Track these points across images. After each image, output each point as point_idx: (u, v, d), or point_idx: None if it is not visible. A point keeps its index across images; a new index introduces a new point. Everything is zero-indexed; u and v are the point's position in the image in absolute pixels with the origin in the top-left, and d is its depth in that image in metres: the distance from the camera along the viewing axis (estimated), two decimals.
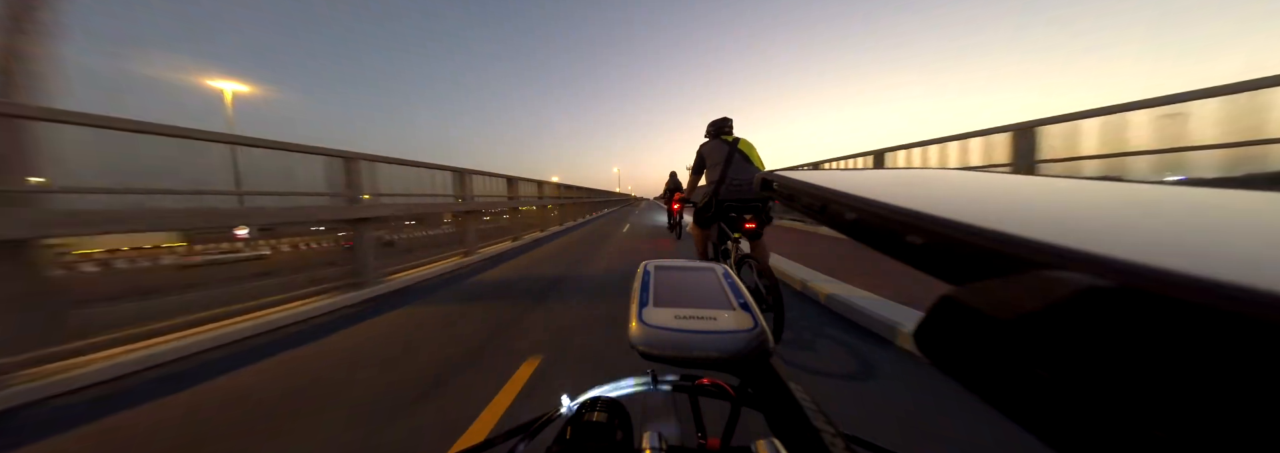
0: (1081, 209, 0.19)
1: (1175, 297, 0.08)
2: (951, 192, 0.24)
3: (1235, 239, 0.13)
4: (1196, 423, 0.08)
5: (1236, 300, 0.08)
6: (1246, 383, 0.07)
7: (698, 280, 0.46)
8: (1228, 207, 0.17)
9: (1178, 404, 0.08)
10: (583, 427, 0.39)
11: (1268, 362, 0.07)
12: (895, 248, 0.17)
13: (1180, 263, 0.09)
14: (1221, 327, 0.08)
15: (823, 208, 0.22)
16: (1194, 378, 0.08)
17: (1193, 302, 0.08)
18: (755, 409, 0.40)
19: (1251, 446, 0.07)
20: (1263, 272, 0.09)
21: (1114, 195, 0.20)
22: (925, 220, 0.16)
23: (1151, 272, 0.09)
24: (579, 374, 1.91)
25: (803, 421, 0.29)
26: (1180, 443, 0.08)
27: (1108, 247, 0.11)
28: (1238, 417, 0.07)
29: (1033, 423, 0.10)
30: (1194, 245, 0.12)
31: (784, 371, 0.35)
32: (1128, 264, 0.10)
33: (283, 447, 1.43)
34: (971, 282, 0.12)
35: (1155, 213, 0.17)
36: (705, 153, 2.94)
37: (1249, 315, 0.07)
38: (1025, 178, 0.28)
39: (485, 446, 0.42)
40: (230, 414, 1.67)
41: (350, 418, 1.59)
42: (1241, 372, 0.07)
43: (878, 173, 0.31)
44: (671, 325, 0.36)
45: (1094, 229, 0.14)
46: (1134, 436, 0.08)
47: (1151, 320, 0.08)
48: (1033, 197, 0.22)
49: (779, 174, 0.30)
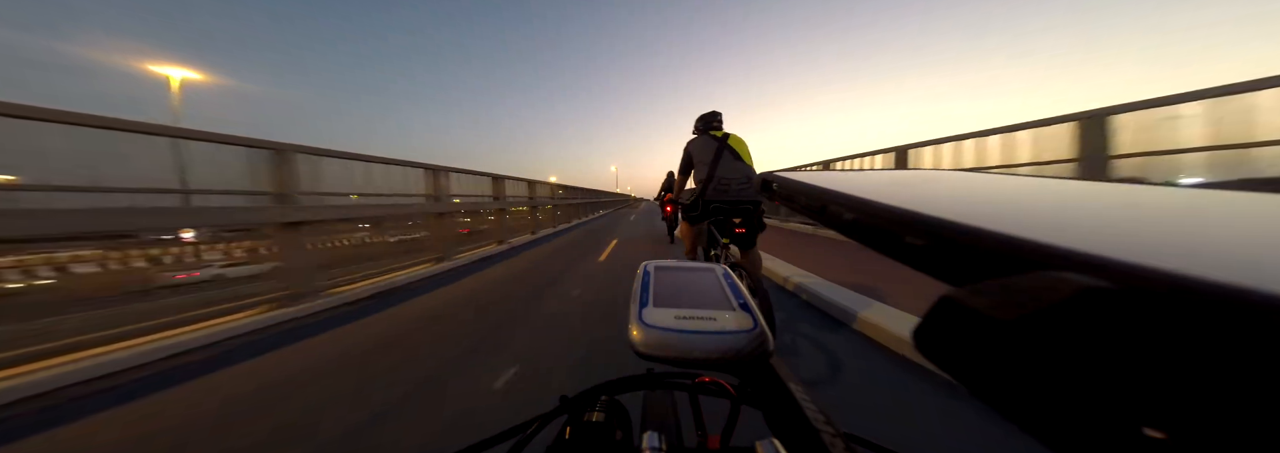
0: (1080, 210, 0.19)
1: (1174, 298, 0.09)
2: (951, 192, 0.25)
3: (1234, 240, 0.13)
4: (1196, 424, 0.08)
5: (1235, 302, 0.08)
6: (1246, 384, 0.07)
7: (697, 281, 0.46)
8: (1227, 208, 0.17)
9: (1177, 405, 0.08)
10: (582, 427, 0.39)
11: (1266, 362, 0.07)
12: (894, 249, 0.17)
13: (1179, 264, 0.10)
14: (1220, 328, 0.08)
15: (822, 209, 0.22)
16: (1193, 379, 0.08)
17: (1191, 303, 0.08)
18: (755, 409, 0.40)
19: (1251, 446, 0.07)
20: (1261, 273, 0.09)
21: (1113, 196, 0.21)
22: (924, 221, 0.16)
23: (1150, 273, 0.10)
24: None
25: (802, 420, 0.29)
26: (1180, 444, 0.08)
27: (1107, 248, 0.11)
28: (1237, 418, 0.07)
29: (1032, 423, 0.10)
30: (1193, 246, 0.12)
31: (784, 371, 0.35)
32: (1127, 265, 0.10)
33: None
34: (970, 283, 0.12)
35: (1154, 214, 0.18)
36: (692, 150, 2.63)
37: (1247, 316, 0.08)
38: (1025, 179, 0.28)
39: (485, 445, 0.42)
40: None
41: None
42: (1240, 372, 0.07)
43: (877, 173, 0.32)
44: (671, 326, 0.35)
45: (1093, 230, 0.14)
46: (1133, 436, 0.08)
47: (1150, 321, 0.08)
48: (1032, 197, 0.23)
49: (778, 175, 0.30)
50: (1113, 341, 0.09)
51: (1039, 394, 0.10)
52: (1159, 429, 0.08)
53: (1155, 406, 0.08)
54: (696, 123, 2.74)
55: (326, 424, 1.50)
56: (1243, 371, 0.07)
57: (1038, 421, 0.10)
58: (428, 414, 1.55)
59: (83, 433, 1.50)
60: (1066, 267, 0.11)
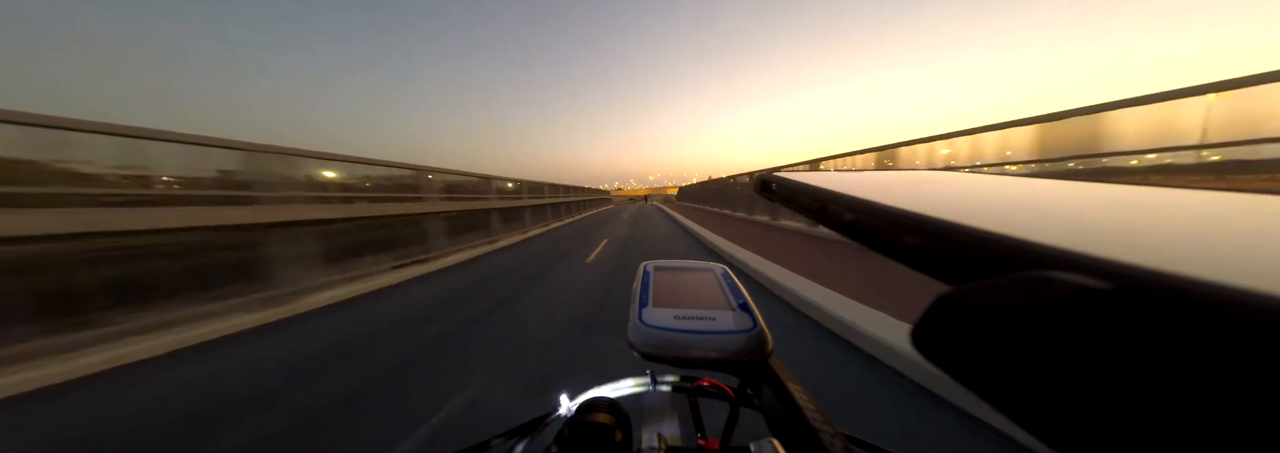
0: (1077, 211, 0.19)
1: (1168, 298, 0.09)
2: (948, 193, 0.25)
3: (1229, 241, 0.13)
4: (1192, 423, 0.08)
5: (1229, 302, 0.08)
6: (1240, 383, 0.07)
7: (697, 281, 0.46)
8: (1221, 209, 0.18)
9: (1172, 404, 0.08)
10: (581, 427, 0.39)
11: (1260, 362, 0.07)
12: (892, 249, 0.17)
13: (1173, 265, 0.10)
14: (1214, 328, 0.08)
15: (821, 209, 0.22)
16: (1187, 378, 0.08)
17: (1185, 303, 0.08)
18: (754, 410, 0.39)
19: (1247, 445, 0.07)
20: (1255, 273, 0.09)
21: (1109, 197, 0.21)
22: (922, 222, 0.16)
23: (1144, 273, 0.10)
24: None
25: (802, 421, 0.29)
26: (1176, 442, 0.08)
27: (1102, 248, 0.11)
28: (1232, 417, 0.07)
29: (1030, 422, 0.10)
30: (1187, 247, 0.13)
31: (783, 371, 0.34)
32: (1122, 266, 0.10)
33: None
34: (967, 282, 0.12)
35: (1149, 215, 0.18)
36: None
37: (1242, 317, 0.08)
38: (1022, 179, 0.28)
39: (485, 445, 0.42)
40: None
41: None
42: (1234, 372, 0.07)
43: (876, 174, 0.32)
44: (671, 326, 0.35)
45: (1089, 231, 0.14)
46: (1130, 434, 0.08)
47: (1145, 321, 0.09)
48: (1029, 198, 0.23)
49: (777, 175, 0.30)
50: (1107, 340, 0.09)
51: (1035, 392, 0.10)
52: (1153, 427, 0.08)
53: (1150, 404, 0.08)
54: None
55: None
56: (1236, 370, 0.07)
57: (1034, 418, 0.10)
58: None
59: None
60: (1062, 267, 0.11)
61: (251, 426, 1.77)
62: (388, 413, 1.80)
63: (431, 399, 1.88)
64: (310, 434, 1.68)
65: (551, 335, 2.70)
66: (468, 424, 1.67)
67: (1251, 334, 0.07)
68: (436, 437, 1.59)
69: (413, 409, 1.81)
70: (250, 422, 1.80)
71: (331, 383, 2.16)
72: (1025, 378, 0.10)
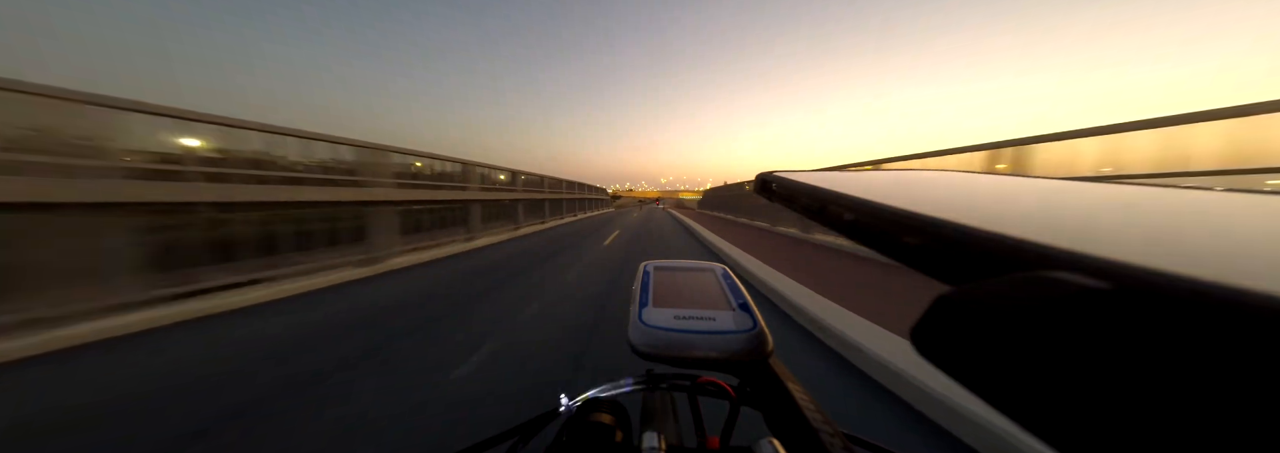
0: (1077, 211, 0.19)
1: (1169, 298, 0.09)
2: (948, 193, 0.24)
3: (1229, 241, 0.13)
4: (1192, 423, 0.08)
5: (1230, 302, 0.08)
6: (1240, 383, 0.07)
7: (697, 281, 0.46)
8: (1223, 208, 0.17)
9: (1173, 404, 0.08)
10: (582, 427, 0.39)
11: (1261, 362, 0.07)
12: (892, 249, 0.17)
13: (1174, 264, 0.10)
14: (1215, 328, 0.08)
15: (821, 209, 0.22)
16: (1188, 378, 0.08)
17: (1186, 303, 0.08)
18: (754, 409, 0.39)
19: (1248, 445, 0.07)
20: (1255, 273, 0.09)
21: (1109, 197, 0.20)
22: (922, 222, 0.16)
23: (1145, 273, 0.10)
24: None
25: (802, 420, 0.29)
26: (1177, 442, 0.08)
27: (1103, 248, 0.11)
28: (1233, 417, 0.07)
29: (1031, 422, 0.10)
30: (1188, 247, 0.12)
31: (783, 371, 0.35)
32: (1122, 266, 0.10)
33: None
34: (968, 282, 0.12)
35: (1150, 214, 0.18)
36: None
37: (1242, 317, 0.08)
38: (1022, 179, 0.28)
39: (485, 445, 0.43)
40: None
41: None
42: (1235, 372, 0.07)
43: (876, 174, 0.32)
44: (671, 326, 0.36)
45: (1089, 230, 0.14)
46: (1131, 434, 0.08)
47: (1145, 321, 0.09)
48: (1029, 198, 0.22)
49: (777, 175, 0.30)
50: (1107, 340, 0.09)
51: (1035, 392, 0.10)
52: (1153, 427, 0.08)
53: (1151, 404, 0.08)
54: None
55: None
56: (1237, 370, 0.07)
57: (1034, 418, 0.10)
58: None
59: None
60: (1062, 267, 0.11)
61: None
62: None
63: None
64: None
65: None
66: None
67: (1252, 334, 0.07)
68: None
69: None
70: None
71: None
72: (1025, 378, 0.10)
